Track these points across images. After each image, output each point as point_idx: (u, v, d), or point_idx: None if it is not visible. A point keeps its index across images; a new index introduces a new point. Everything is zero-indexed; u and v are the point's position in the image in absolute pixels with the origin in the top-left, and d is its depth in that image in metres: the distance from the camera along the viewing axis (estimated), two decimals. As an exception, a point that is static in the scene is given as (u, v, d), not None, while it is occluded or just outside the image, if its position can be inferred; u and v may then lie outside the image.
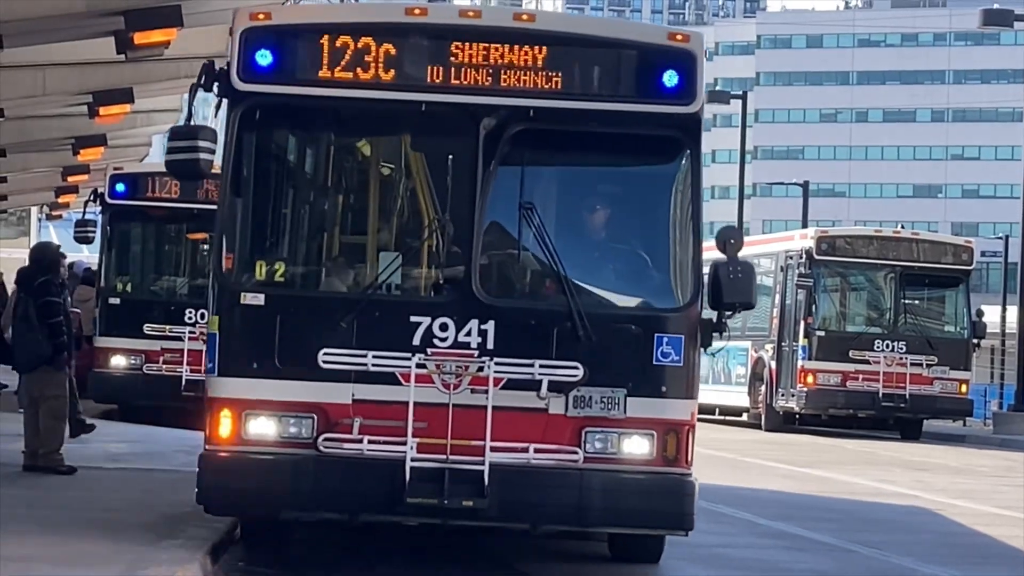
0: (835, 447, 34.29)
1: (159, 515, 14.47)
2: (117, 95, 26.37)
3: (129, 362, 25.61)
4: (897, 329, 38.22)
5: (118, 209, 28.71)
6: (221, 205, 12.89)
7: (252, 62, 12.53)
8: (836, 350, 37.77)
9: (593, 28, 13.85)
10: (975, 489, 25.77)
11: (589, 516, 12.59)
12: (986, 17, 44.12)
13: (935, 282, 39.23)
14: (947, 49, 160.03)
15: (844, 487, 25.34)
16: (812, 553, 17.14)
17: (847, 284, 39.26)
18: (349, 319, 12.40)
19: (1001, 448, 37.51)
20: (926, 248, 39.91)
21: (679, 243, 12.95)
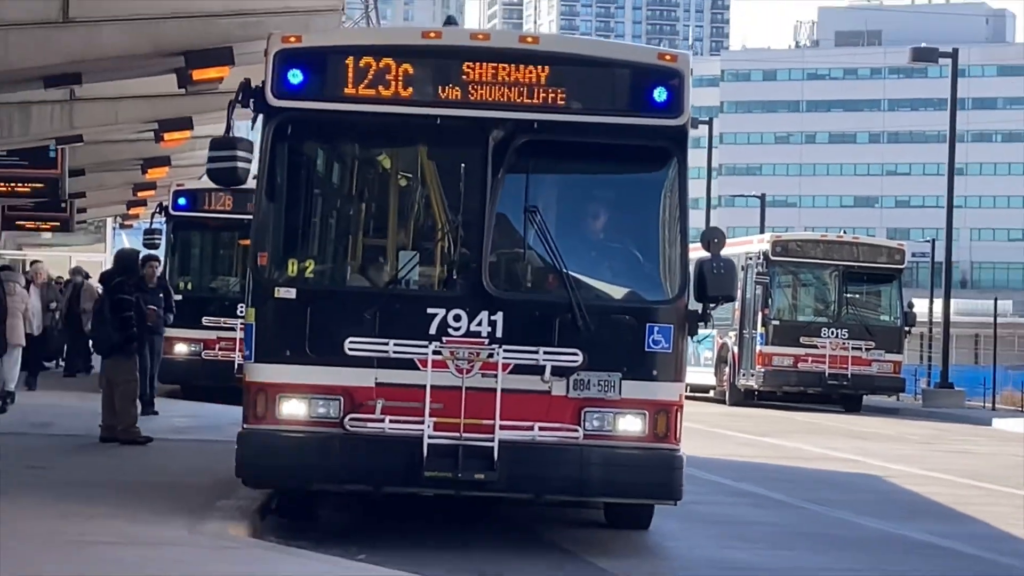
0: (788, 419, 34.22)
1: (215, 480, 14.37)
2: (179, 123, 26.35)
3: (190, 349, 25.61)
4: (840, 319, 38.32)
5: (180, 220, 28.82)
6: (256, 209, 12.67)
7: (284, 80, 12.22)
8: (789, 336, 37.81)
9: (591, 49, 13.49)
10: (907, 454, 25.72)
11: (588, 487, 12.34)
12: (915, 54, 44.43)
13: (872, 279, 39.26)
14: (882, 81, 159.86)
15: (796, 453, 25.27)
16: (769, 509, 17.11)
17: (798, 281, 39.18)
18: (372, 311, 12.07)
19: (929, 419, 37.50)
20: (865, 250, 40.01)
21: (668, 242, 12.61)
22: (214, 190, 28.00)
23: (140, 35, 19.23)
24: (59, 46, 18.89)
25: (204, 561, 10.57)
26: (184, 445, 18.81)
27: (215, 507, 13.11)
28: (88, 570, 9.95)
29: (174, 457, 17.46)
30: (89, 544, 11.03)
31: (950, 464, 24.07)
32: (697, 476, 12.77)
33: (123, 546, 11.06)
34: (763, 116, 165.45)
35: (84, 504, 13.00)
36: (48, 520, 12.02)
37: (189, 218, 28.65)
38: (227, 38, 19.16)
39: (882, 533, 15.45)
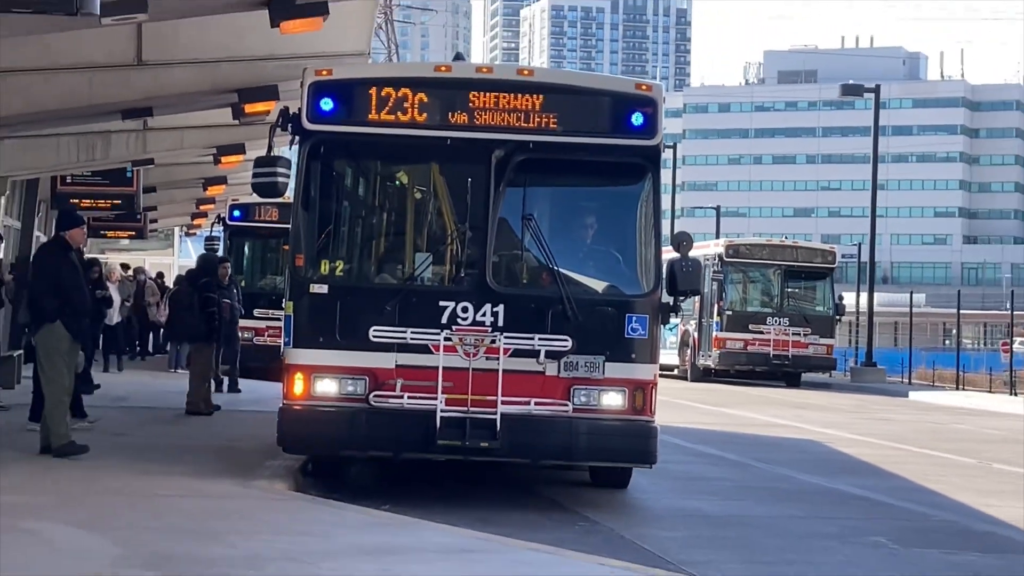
0: (739, 392, 34.30)
1: (265, 444, 14.31)
2: (233, 148, 26.31)
3: (244, 336, 25.56)
4: (783, 309, 38.39)
5: (235, 228, 28.91)
6: (294, 217, 12.48)
7: (317, 107, 12.13)
8: (740, 324, 37.89)
9: (578, 80, 13.49)
10: (838, 421, 25.78)
11: (576, 453, 12.25)
12: (844, 90, 44.43)
13: (809, 276, 39.27)
14: (817, 112, 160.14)
15: (746, 420, 25.37)
16: (723, 467, 17.16)
17: (747, 278, 39.20)
18: (392, 304, 11.94)
19: (856, 392, 37.59)
20: (802, 252, 40.08)
21: (644, 244, 12.50)
22: (263, 204, 28.12)
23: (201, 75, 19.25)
24: (134, 85, 18.91)
25: (255, 510, 10.59)
26: (239, 416, 18.78)
27: (264, 466, 13.15)
28: (158, 518, 9.96)
29: (230, 426, 17.45)
30: (160, 497, 11.06)
31: (874, 429, 24.11)
32: (664, 440, 12.72)
33: (188, 498, 11.09)
34: (718, 141, 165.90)
35: (156, 464, 13.04)
36: (126, 477, 12.06)
37: (242, 227, 28.79)
38: (272, 78, 19.18)
39: (817, 486, 15.47)
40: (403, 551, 8.94)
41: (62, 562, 8.24)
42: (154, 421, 17.58)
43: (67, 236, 13.68)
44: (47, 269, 13.48)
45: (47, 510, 10.09)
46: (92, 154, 25.42)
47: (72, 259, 13.59)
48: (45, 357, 13.39)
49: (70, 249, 13.63)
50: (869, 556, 10.81)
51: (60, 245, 13.65)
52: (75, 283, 13.46)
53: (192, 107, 21.93)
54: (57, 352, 13.28)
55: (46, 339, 13.30)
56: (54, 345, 13.27)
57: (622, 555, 9.83)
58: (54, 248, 13.74)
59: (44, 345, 13.35)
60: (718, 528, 12.09)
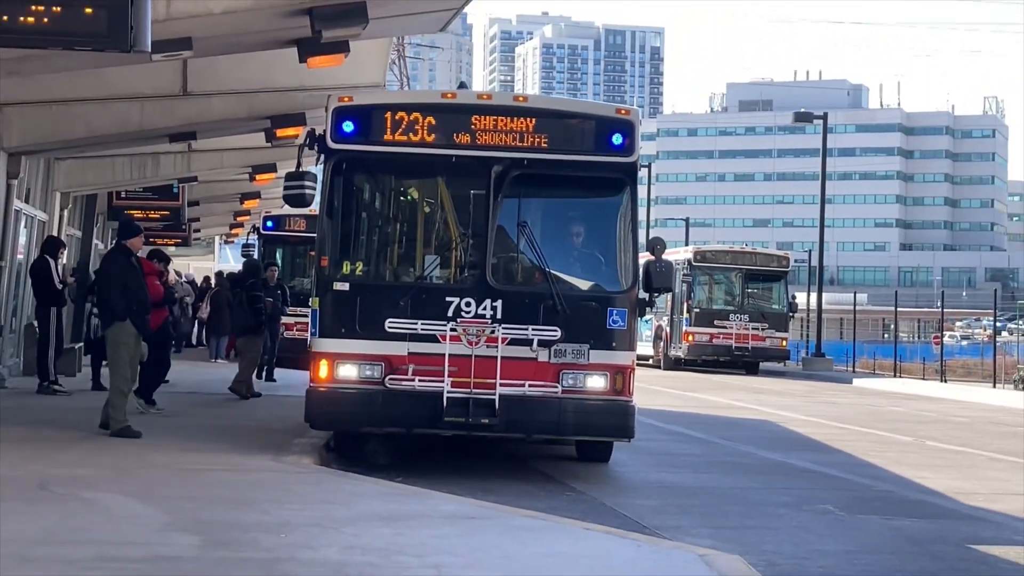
0: (706, 379, 34.28)
1: (294, 424, 14.34)
2: (266, 167, 26.31)
3: (277, 330, 25.58)
4: (743, 307, 38.35)
5: (268, 237, 28.91)
6: (319, 224, 12.48)
7: (340, 129, 12.15)
8: (706, 320, 37.85)
9: (566, 105, 13.49)
10: (791, 404, 25.79)
11: (565, 429, 12.26)
12: (796, 117, 44.52)
13: (766, 278, 39.24)
14: (773, 136, 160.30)
15: (711, 403, 25.33)
16: (690, 444, 17.14)
17: (713, 280, 39.13)
18: (405, 299, 11.96)
19: (807, 380, 37.53)
20: (760, 258, 40.13)
21: (623, 248, 12.50)
22: (293, 215, 28.08)
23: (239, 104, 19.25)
24: (180, 112, 18.91)
25: (285, 482, 10.55)
26: (272, 400, 18.73)
27: (293, 443, 13.13)
28: (201, 489, 9.93)
29: (264, 408, 17.41)
30: (202, 471, 11.03)
31: (822, 411, 24.09)
32: (640, 420, 12.74)
33: (225, 472, 11.05)
34: (687, 161, 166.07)
35: (197, 442, 13.02)
36: (173, 453, 12.02)
37: (275, 236, 28.81)
38: (301, 107, 19.19)
39: (773, 461, 15.44)
40: (415, 517, 8.92)
41: (117, 527, 8.22)
42: (198, 404, 17.53)
43: (128, 243, 13.78)
44: (113, 273, 13.49)
45: (103, 482, 10.07)
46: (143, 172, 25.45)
47: (134, 263, 13.65)
48: (113, 350, 13.42)
49: (131, 255, 13.70)
50: (819, 521, 10.80)
51: (123, 251, 13.68)
52: (138, 284, 13.49)
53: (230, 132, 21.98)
54: (124, 346, 13.29)
55: (115, 334, 13.32)
56: (122, 340, 13.28)
57: (605, 521, 9.82)
58: (118, 254, 13.73)
59: (113, 339, 13.37)
60: (687, 497, 12.07)
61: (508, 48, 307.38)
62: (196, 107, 18.92)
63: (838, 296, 68.69)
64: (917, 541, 10.02)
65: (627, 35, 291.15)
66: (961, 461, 16.25)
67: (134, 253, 13.77)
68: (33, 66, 14.14)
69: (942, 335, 40.51)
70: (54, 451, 11.82)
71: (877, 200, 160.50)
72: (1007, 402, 29.21)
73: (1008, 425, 22.75)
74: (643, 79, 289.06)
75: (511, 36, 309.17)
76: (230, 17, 12.54)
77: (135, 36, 8.94)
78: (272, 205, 34.74)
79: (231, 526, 8.31)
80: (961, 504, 12.24)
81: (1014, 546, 9.97)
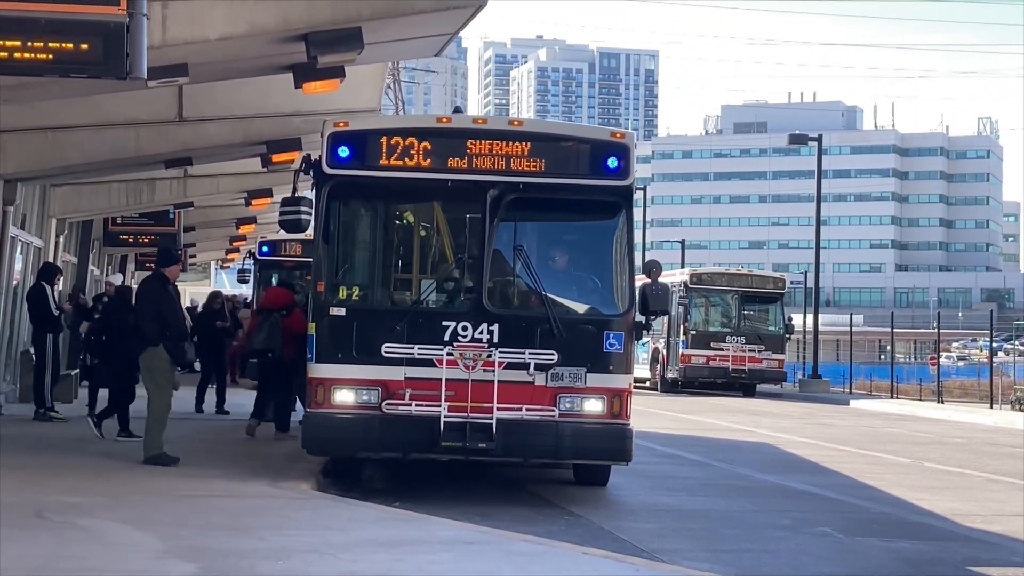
0: (702, 402, 34.21)
1: (291, 449, 14.31)
2: (262, 192, 26.35)
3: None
4: (739, 329, 38.30)
5: (263, 262, 28.88)
6: (315, 249, 12.37)
7: (335, 154, 12.07)
8: (703, 342, 37.81)
9: (561, 129, 13.41)
10: (788, 426, 25.75)
11: (562, 453, 12.11)
12: (791, 139, 44.74)
13: (762, 300, 39.19)
14: (768, 158, 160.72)
15: (708, 426, 25.27)
16: (688, 466, 17.09)
17: (709, 302, 39.05)
18: (401, 324, 11.86)
19: (804, 401, 37.50)
20: (756, 280, 40.13)
21: (619, 271, 12.39)
22: (288, 240, 28.07)
23: (235, 130, 19.29)
24: (176, 138, 18.94)
25: (282, 508, 10.52)
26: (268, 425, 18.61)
27: (291, 469, 13.09)
28: (197, 516, 9.90)
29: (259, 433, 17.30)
30: (197, 497, 11.00)
31: (819, 433, 24.04)
32: (637, 444, 12.66)
33: (222, 498, 11.02)
34: (682, 183, 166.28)
35: (192, 467, 12.98)
36: (166, 479, 11.99)
37: (270, 261, 28.77)
38: (297, 132, 19.23)
39: (770, 483, 15.41)
40: (412, 543, 8.90)
41: (113, 555, 8.20)
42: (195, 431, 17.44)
43: (166, 272, 13.82)
44: (147, 300, 13.54)
45: (100, 509, 10.04)
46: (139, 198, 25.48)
47: (170, 291, 13.65)
48: (148, 376, 13.47)
49: (168, 282, 13.71)
50: (817, 544, 10.77)
51: (160, 279, 13.71)
52: (173, 312, 13.53)
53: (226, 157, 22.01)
54: (159, 371, 13.33)
55: (149, 360, 13.36)
56: (156, 365, 13.32)
57: (603, 545, 9.80)
58: (154, 282, 13.74)
59: (147, 365, 13.43)
60: (685, 520, 12.03)
61: (503, 72, 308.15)
62: (192, 133, 18.95)
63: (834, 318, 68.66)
64: (916, 563, 10.00)
65: (621, 58, 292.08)
66: (959, 482, 16.23)
67: (171, 281, 13.75)
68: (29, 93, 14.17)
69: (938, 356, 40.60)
70: (51, 478, 11.79)
71: (872, 221, 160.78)
72: (1004, 423, 29.18)
73: (1006, 446, 22.73)
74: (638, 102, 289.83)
75: (506, 60, 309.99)
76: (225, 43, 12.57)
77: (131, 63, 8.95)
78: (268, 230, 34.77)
79: (228, 553, 8.29)
80: (959, 525, 12.21)
81: (1013, 567, 9.95)
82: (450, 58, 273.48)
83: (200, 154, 20.18)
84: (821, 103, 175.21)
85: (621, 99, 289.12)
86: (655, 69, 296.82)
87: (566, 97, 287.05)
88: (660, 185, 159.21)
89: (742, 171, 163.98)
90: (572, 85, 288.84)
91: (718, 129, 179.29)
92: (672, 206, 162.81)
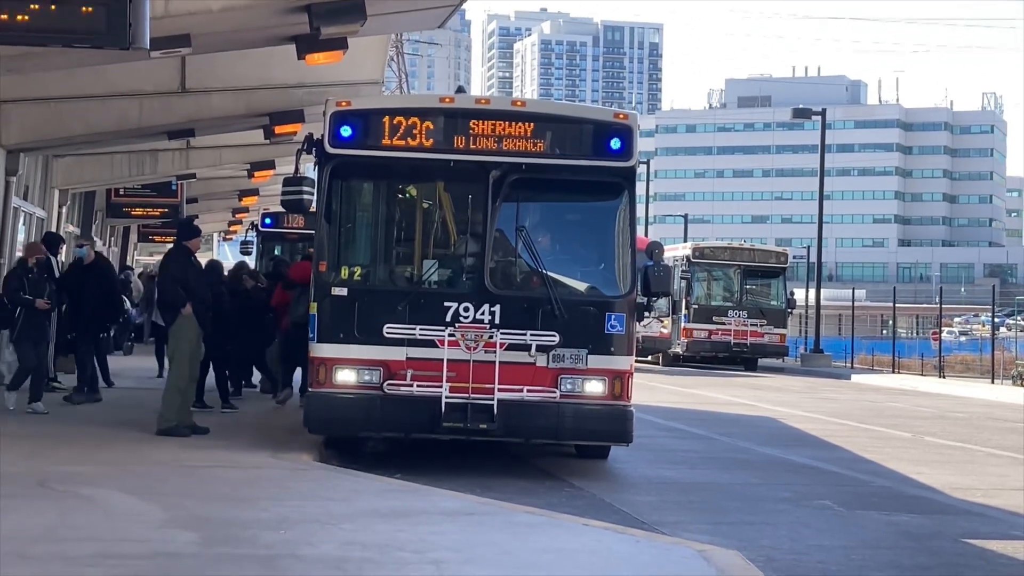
0: (705, 376, 34.30)
1: (293, 422, 14.32)
2: (264, 164, 26.35)
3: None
4: (742, 303, 38.30)
5: (266, 234, 28.95)
6: (317, 229, 12.34)
7: (337, 133, 12.01)
8: (705, 317, 37.85)
9: (563, 110, 13.24)
10: (790, 400, 25.80)
11: (563, 434, 12.12)
12: (795, 113, 44.59)
13: (764, 274, 39.20)
14: (772, 132, 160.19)
15: (709, 399, 25.31)
16: (689, 440, 17.12)
17: (711, 276, 39.05)
18: (403, 304, 11.84)
19: (806, 376, 37.59)
20: (759, 254, 40.11)
21: (621, 252, 12.34)
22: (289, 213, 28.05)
23: (237, 101, 19.27)
24: (178, 109, 18.93)
25: (284, 479, 10.57)
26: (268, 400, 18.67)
27: (293, 440, 13.12)
28: (200, 486, 9.95)
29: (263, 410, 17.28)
30: (200, 468, 11.05)
31: (820, 407, 24.09)
32: (640, 417, 12.69)
33: (224, 468, 11.07)
34: (686, 158, 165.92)
35: (195, 438, 13.04)
36: (169, 450, 12.04)
37: (272, 232, 28.84)
38: (299, 103, 19.20)
39: (772, 457, 15.45)
40: (414, 514, 8.93)
41: (116, 524, 8.24)
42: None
43: (187, 244, 14.00)
44: (173, 271, 13.71)
45: (102, 479, 10.08)
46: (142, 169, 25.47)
47: (194, 262, 13.94)
48: (174, 345, 13.61)
49: (191, 254, 13.92)
50: (818, 517, 10.81)
51: (182, 251, 13.87)
52: (198, 282, 13.73)
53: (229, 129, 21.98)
54: (187, 341, 13.47)
55: (178, 328, 13.52)
56: (184, 335, 13.47)
57: (603, 517, 9.83)
58: (178, 254, 13.88)
59: (175, 334, 13.59)
60: (686, 493, 12.08)
61: (507, 44, 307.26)
62: (195, 104, 18.93)
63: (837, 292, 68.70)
64: (915, 536, 10.03)
65: (626, 31, 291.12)
66: (959, 457, 16.27)
67: (193, 253, 13.98)
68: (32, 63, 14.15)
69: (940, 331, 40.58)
70: (53, 448, 11.84)
71: (876, 196, 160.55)
72: (1005, 398, 29.23)
73: (1006, 421, 22.77)
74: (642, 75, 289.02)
75: (509, 32, 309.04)
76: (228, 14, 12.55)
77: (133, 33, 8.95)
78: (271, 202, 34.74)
79: (230, 523, 8.32)
80: (959, 500, 12.25)
81: (1012, 541, 9.99)
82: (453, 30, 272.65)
83: (203, 125, 20.16)
84: (825, 77, 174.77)
85: (625, 72, 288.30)
86: (659, 42, 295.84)
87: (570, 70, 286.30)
88: (663, 159, 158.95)
89: (745, 145, 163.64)
90: (576, 58, 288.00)
91: (722, 103, 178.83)
92: (675, 180, 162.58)
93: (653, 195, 77.23)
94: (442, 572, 7.11)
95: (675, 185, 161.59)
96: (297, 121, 19.50)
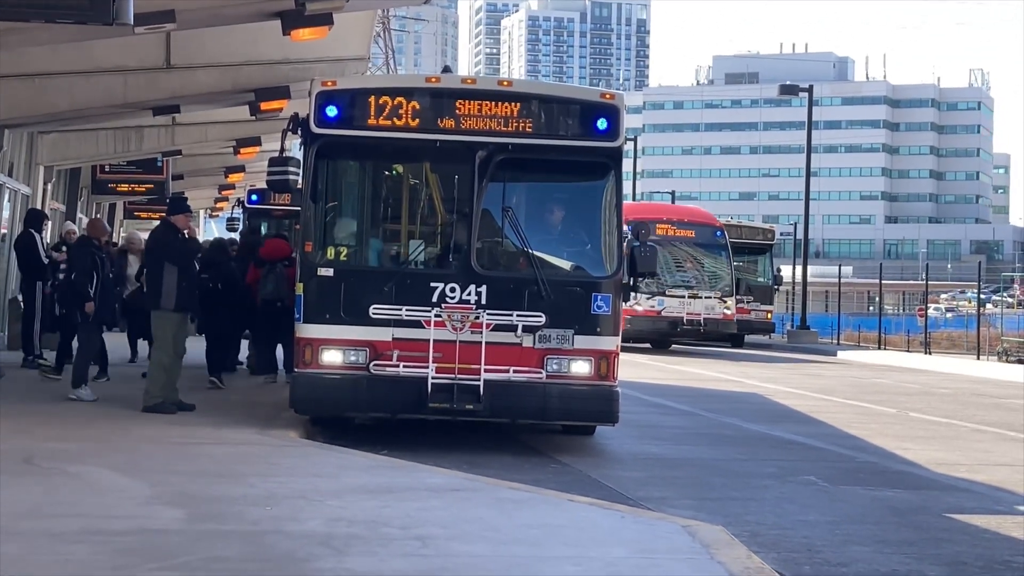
0: (691, 352, 34.36)
1: (279, 400, 14.30)
2: (250, 141, 26.27)
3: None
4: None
5: (252, 211, 28.80)
6: (303, 209, 12.32)
7: (323, 113, 11.98)
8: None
9: (550, 90, 13.19)
10: (776, 376, 25.88)
11: (549, 414, 12.15)
12: (782, 90, 44.51)
13: (752, 251, 39.21)
14: (759, 109, 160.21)
15: (696, 376, 25.38)
16: (675, 416, 17.18)
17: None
18: (389, 285, 11.83)
19: (792, 352, 37.64)
20: (746, 231, 40.13)
21: (607, 232, 12.34)
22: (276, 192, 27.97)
23: (223, 77, 19.20)
24: (163, 85, 18.86)
25: (271, 455, 10.58)
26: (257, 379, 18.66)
27: (279, 417, 13.13)
28: (187, 463, 9.94)
29: (249, 387, 17.32)
30: (186, 444, 11.05)
31: (806, 383, 24.18)
32: (626, 394, 12.70)
33: (211, 445, 11.08)
34: (673, 134, 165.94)
35: (182, 415, 13.05)
36: (155, 427, 12.04)
37: (259, 209, 28.71)
38: (285, 79, 19.15)
39: (757, 433, 15.51)
40: (400, 490, 8.96)
41: (102, 500, 8.24)
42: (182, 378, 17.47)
43: (172, 220, 13.83)
44: (159, 249, 13.62)
45: (88, 456, 10.08)
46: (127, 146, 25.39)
47: (178, 239, 13.68)
48: (159, 328, 13.53)
49: (178, 231, 13.72)
50: (803, 492, 10.86)
51: (168, 228, 13.75)
52: (181, 258, 13.57)
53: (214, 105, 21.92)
54: (169, 321, 13.39)
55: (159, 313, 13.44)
56: (167, 316, 13.39)
57: (589, 492, 9.86)
58: (165, 231, 13.80)
59: (158, 316, 13.49)
60: (671, 469, 12.12)
61: (494, 21, 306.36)
62: (180, 80, 18.86)
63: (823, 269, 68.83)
64: (900, 511, 10.09)
65: (613, 7, 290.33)
66: (944, 432, 16.34)
67: (180, 230, 13.75)
68: (16, 39, 14.08)
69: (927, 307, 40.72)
70: (39, 425, 11.83)
71: (863, 173, 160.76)
72: (991, 374, 29.37)
73: (991, 397, 22.88)
74: (629, 52, 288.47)
75: (496, 8, 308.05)
76: (213, -11, 12.49)
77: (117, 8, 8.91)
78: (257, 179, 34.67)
79: (217, 499, 8.33)
80: (943, 475, 12.31)
81: (996, 515, 10.05)
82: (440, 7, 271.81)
83: (188, 102, 20.09)
84: (813, 54, 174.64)
85: (613, 49, 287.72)
86: (647, 19, 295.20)
87: (557, 47, 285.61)
88: (651, 136, 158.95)
89: (733, 122, 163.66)
90: (563, 35, 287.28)
91: (709, 80, 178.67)
92: (663, 157, 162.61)
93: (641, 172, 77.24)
94: (428, 548, 7.14)
95: (663, 162, 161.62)
96: (283, 97, 19.45)
